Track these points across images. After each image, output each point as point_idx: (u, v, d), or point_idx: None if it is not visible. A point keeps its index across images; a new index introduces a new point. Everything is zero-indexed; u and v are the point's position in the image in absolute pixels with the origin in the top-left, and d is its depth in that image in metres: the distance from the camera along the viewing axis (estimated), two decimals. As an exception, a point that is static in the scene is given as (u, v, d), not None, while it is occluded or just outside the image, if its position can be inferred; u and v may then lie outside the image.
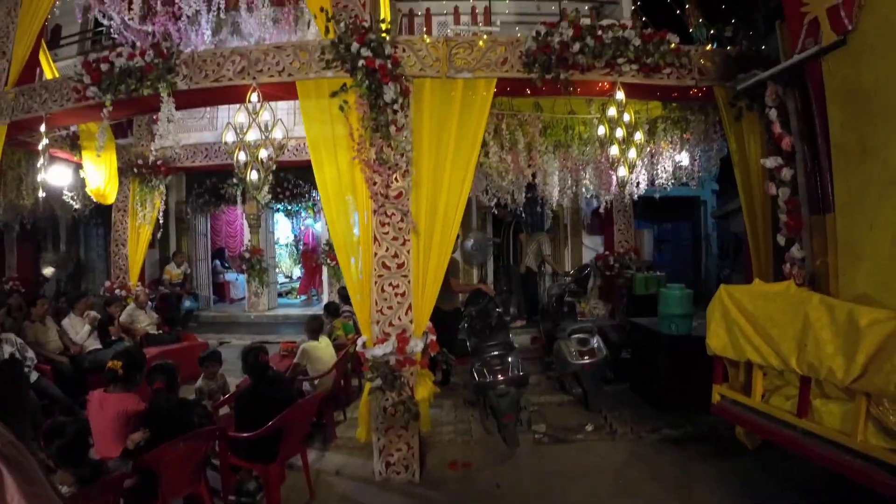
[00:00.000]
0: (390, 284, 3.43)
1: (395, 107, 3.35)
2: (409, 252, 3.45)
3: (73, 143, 5.94)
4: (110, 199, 6.35)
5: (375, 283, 3.44)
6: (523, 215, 7.30)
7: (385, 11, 5.13)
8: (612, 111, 3.78)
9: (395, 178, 3.44)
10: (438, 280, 3.51)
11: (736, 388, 3.00)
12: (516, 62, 3.61)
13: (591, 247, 8.52)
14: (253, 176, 3.70)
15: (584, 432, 4.30)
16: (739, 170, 3.99)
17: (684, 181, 5.82)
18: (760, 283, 3.23)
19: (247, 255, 8.59)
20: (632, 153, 3.90)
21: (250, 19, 5.73)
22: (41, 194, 4.92)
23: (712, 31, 4.36)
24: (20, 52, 4.70)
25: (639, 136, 3.93)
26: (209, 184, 8.79)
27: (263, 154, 3.70)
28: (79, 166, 5.99)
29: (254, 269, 8.62)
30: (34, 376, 4.41)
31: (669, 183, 5.71)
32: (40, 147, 4.51)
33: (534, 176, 5.55)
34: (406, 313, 3.44)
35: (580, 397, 4.91)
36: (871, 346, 2.18)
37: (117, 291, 6.78)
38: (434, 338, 3.51)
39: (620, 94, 3.73)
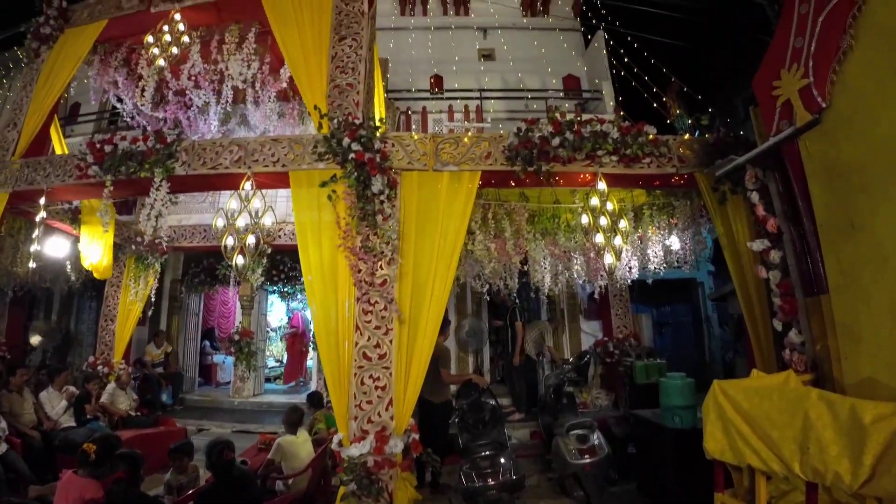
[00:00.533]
0: (370, 377, 3.28)
1: (382, 197, 3.46)
2: (391, 342, 3.35)
3: (74, 217, 6.06)
4: (107, 274, 6.34)
5: (355, 374, 3.30)
6: (517, 301, 7.20)
7: (381, 109, 5.49)
8: (594, 200, 3.86)
9: (381, 266, 3.43)
10: (422, 372, 3.37)
11: (741, 494, 2.72)
12: (499, 156, 3.77)
13: (590, 332, 8.28)
14: (239, 261, 3.72)
15: (586, 545, 3.88)
16: (729, 252, 3.91)
17: (676, 265, 5.79)
18: (758, 375, 3.06)
19: (236, 336, 8.38)
20: (617, 240, 3.91)
21: (256, 112, 6.10)
22: (32, 265, 4.89)
23: (690, 120, 4.55)
24: (31, 125, 4.95)
25: (623, 224, 3.96)
26: (206, 264, 8.85)
27: (251, 240, 3.75)
28: (77, 239, 6.05)
29: (242, 351, 8.35)
30: (3, 448, 4.21)
31: (661, 267, 5.69)
32: (37, 219, 4.59)
33: (524, 262, 5.55)
34: (386, 409, 3.25)
35: (583, 501, 4.49)
36: (877, 445, 2.02)
37: (100, 368, 6.53)
38: (417, 436, 3.29)
39: (602, 185, 3.83)
